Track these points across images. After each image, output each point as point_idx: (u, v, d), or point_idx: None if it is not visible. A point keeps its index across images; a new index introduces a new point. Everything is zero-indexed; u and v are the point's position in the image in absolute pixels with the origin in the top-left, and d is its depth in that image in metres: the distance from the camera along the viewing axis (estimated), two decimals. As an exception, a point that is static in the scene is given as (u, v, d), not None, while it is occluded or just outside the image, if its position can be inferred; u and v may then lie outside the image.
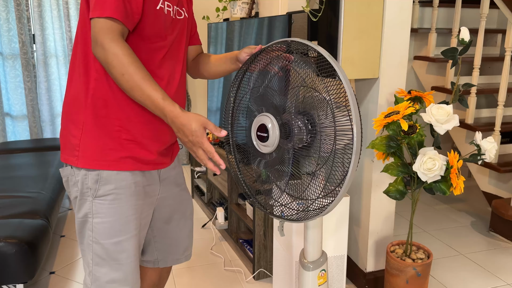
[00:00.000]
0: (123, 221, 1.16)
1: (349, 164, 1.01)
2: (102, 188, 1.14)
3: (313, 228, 1.27)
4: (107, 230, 1.15)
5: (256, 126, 1.15)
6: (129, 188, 1.16)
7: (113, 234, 1.15)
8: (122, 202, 1.15)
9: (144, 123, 1.15)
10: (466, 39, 1.63)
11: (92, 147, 1.12)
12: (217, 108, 3.10)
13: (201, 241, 2.62)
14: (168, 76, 1.17)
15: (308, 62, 1.08)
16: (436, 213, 3.04)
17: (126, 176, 1.15)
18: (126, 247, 1.17)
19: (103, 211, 1.14)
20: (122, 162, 1.14)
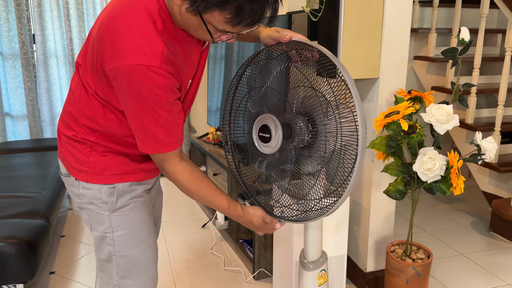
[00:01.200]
0: (144, 228, 1.18)
1: (353, 164, 1.01)
2: (120, 200, 1.14)
3: (313, 228, 1.27)
4: (131, 241, 1.16)
5: (257, 127, 1.15)
6: (142, 196, 1.18)
7: (136, 244, 1.17)
8: (140, 209, 1.17)
9: None
10: (466, 39, 1.63)
11: (102, 163, 1.12)
12: (217, 108, 3.10)
13: (201, 241, 2.62)
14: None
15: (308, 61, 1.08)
16: (436, 213, 3.04)
17: (137, 185, 1.17)
18: (149, 253, 1.19)
19: (123, 222, 1.15)
20: (134, 174, 1.15)
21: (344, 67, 1.01)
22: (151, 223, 1.21)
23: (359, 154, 1.00)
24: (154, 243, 1.23)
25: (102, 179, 1.12)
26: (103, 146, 1.12)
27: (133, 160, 1.16)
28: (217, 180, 2.76)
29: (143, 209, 1.18)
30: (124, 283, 1.18)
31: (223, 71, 3.00)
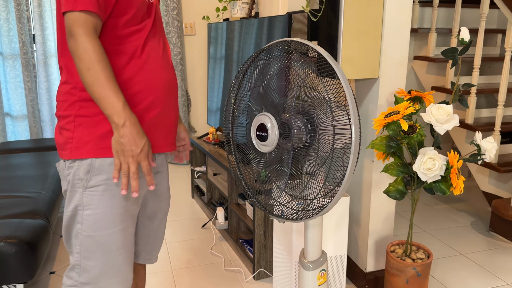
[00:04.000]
0: (114, 213, 1.14)
1: (348, 163, 1.01)
2: (93, 178, 1.11)
3: (313, 227, 1.27)
4: (98, 222, 1.13)
5: (255, 126, 1.16)
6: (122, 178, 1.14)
7: (104, 226, 1.14)
8: (114, 192, 1.13)
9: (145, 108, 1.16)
10: (466, 39, 1.63)
11: (85, 136, 1.11)
12: (217, 108, 3.10)
13: (201, 241, 2.62)
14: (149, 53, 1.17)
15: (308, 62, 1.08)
16: (436, 213, 3.04)
17: None
18: (117, 238, 1.16)
19: (94, 202, 1.12)
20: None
21: (339, 66, 1.02)
22: (126, 208, 1.16)
23: (352, 154, 1.00)
24: (125, 230, 1.17)
25: (82, 153, 1.11)
26: (84, 116, 1.10)
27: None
28: (217, 180, 2.76)
29: (119, 193, 1.14)
30: (86, 264, 1.16)
31: (223, 71, 3.00)
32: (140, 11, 1.12)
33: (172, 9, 3.81)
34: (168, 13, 3.82)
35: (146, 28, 1.14)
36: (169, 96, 1.21)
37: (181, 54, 3.93)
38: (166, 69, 1.20)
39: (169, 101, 1.22)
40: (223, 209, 2.66)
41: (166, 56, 1.23)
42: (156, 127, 1.19)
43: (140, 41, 1.13)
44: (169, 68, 1.23)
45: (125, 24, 1.11)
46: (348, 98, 1.00)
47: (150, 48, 1.15)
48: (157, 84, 1.17)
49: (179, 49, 3.91)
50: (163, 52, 1.21)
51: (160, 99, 1.18)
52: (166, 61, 1.22)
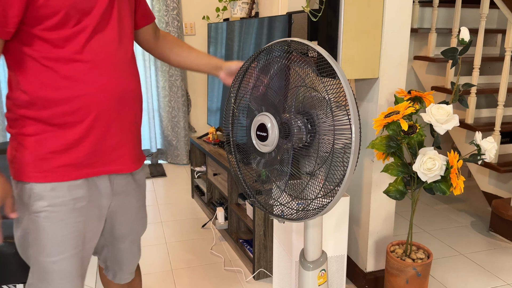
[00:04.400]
0: (58, 240, 1.06)
1: (348, 163, 1.01)
2: (35, 204, 1.04)
3: (313, 227, 1.27)
4: (43, 249, 1.06)
5: (255, 126, 1.16)
6: (66, 205, 1.05)
7: (48, 253, 1.06)
8: (56, 220, 1.05)
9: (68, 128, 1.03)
10: (466, 39, 1.63)
11: (25, 157, 1.03)
12: (217, 108, 3.10)
13: (201, 241, 2.62)
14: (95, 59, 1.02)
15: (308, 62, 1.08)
16: (436, 213, 3.04)
17: (63, 191, 1.05)
18: (63, 267, 1.08)
19: (38, 228, 1.05)
20: (55, 172, 1.03)
21: (340, 66, 1.02)
22: (74, 234, 1.08)
23: (352, 154, 1.00)
24: (74, 256, 1.09)
25: (23, 175, 1.03)
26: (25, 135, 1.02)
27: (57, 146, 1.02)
28: (217, 180, 2.76)
29: (63, 221, 1.05)
30: (37, 285, 1.11)
31: (223, 71, 3.00)
32: (73, 13, 0.97)
33: (172, 9, 3.81)
34: (168, 13, 3.82)
35: (86, 30, 1.00)
36: (120, 110, 1.08)
37: (181, 54, 3.93)
38: (118, 77, 1.06)
39: (122, 114, 1.08)
40: (223, 209, 2.66)
41: (122, 60, 1.08)
42: (104, 146, 1.07)
43: (75, 47, 0.99)
44: (124, 76, 1.08)
45: (51, 31, 0.97)
46: (348, 98, 1.00)
47: (92, 53, 1.01)
48: (101, 97, 1.03)
49: (179, 49, 3.91)
50: (117, 56, 1.06)
51: (107, 115, 1.05)
52: (121, 67, 1.07)
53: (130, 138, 1.14)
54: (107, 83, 1.04)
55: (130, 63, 1.11)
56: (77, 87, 1.00)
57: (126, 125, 1.11)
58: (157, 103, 4.09)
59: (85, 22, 0.99)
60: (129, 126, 1.12)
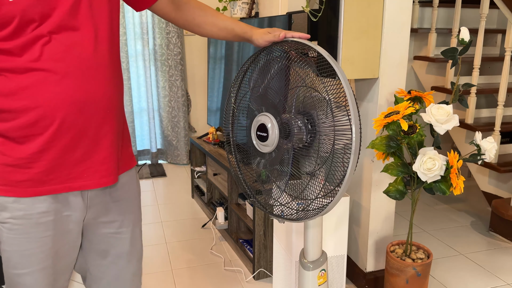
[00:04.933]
0: (21, 254, 1.00)
1: (348, 164, 1.01)
2: (0, 214, 0.99)
3: (313, 227, 1.27)
4: (7, 260, 1.01)
5: (256, 126, 1.16)
6: (29, 219, 0.98)
7: (13, 266, 1.01)
8: (19, 233, 0.99)
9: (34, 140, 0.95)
10: (466, 39, 1.63)
11: None
12: (217, 108, 3.10)
13: (201, 241, 2.62)
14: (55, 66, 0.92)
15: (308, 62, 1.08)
16: (436, 213, 3.04)
17: (25, 205, 0.98)
18: (27, 281, 1.02)
19: (3, 238, 1.00)
20: (17, 187, 0.97)
21: (340, 66, 1.02)
22: (40, 249, 1.01)
23: (353, 154, 1.00)
24: (43, 270, 1.03)
25: None
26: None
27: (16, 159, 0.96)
28: (217, 180, 2.76)
29: (27, 234, 0.99)
30: None
31: (223, 71, 3.00)
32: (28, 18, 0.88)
33: (172, 9, 3.81)
34: (168, 13, 3.81)
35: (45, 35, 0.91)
36: (85, 121, 0.98)
37: (181, 54, 3.93)
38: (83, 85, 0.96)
39: (87, 126, 0.98)
40: (223, 209, 2.66)
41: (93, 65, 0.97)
42: (66, 161, 0.99)
43: (33, 55, 0.90)
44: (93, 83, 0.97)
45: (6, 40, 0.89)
46: (349, 98, 1.00)
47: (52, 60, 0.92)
48: (61, 107, 0.94)
49: (179, 49, 3.91)
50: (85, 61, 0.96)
51: (68, 127, 0.96)
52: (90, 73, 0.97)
53: (99, 150, 1.02)
54: (68, 91, 0.94)
55: (106, 68, 0.99)
56: (34, 98, 0.92)
57: (91, 136, 1.00)
58: (157, 103, 4.09)
59: (45, 26, 0.90)
60: (96, 137, 1.01)
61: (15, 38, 0.89)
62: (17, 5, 0.86)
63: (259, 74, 1.19)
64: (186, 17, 1.21)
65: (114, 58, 1.03)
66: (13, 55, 0.90)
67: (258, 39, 1.15)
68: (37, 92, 0.92)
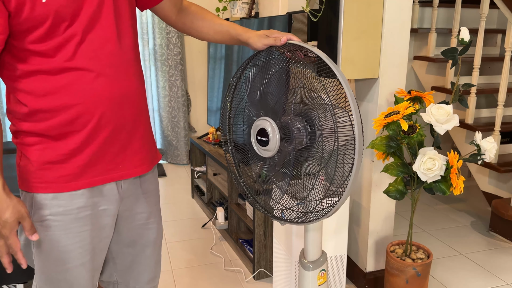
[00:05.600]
0: (61, 250, 1.03)
1: (352, 165, 1.01)
2: (36, 213, 1.01)
3: (313, 229, 1.27)
4: (46, 258, 1.03)
5: (255, 131, 1.15)
6: (69, 214, 1.02)
7: (52, 264, 1.03)
8: (59, 229, 1.02)
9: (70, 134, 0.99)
10: (466, 39, 1.63)
11: (27, 166, 1.01)
12: (217, 108, 3.10)
13: (201, 241, 2.62)
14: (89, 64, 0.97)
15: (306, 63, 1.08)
16: (436, 213, 3.04)
17: (65, 200, 1.01)
18: (68, 278, 1.05)
19: (41, 237, 1.02)
20: (56, 182, 1.00)
21: (339, 68, 1.02)
22: (79, 244, 1.04)
23: (357, 154, 1.00)
24: (82, 266, 1.06)
25: (25, 185, 1.02)
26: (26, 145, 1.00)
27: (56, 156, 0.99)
28: (217, 180, 2.76)
29: (66, 230, 1.02)
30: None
31: (223, 71, 3.00)
32: (60, 19, 0.91)
33: (172, 9, 3.81)
34: (168, 13, 3.81)
35: (76, 34, 0.94)
36: (120, 115, 1.03)
37: (181, 54, 3.93)
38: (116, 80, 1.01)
39: (123, 119, 1.04)
40: (223, 209, 2.66)
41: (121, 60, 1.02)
42: (105, 153, 1.03)
43: (66, 55, 0.94)
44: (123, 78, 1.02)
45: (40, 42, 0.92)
46: (350, 100, 1.00)
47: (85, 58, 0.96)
48: (99, 103, 0.99)
49: (179, 49, 3.91)
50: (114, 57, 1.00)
51: (106, 121, 1.01)
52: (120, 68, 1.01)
53: (134, 141, 1.08)
54: (104, 87, 0.99)
55: (131, 62, 1.04)
56: (72, 96, 0.96)
57: (127, 129, 1.05)
58: (157, 103, 4.09)
59: (76, 25, 0.93)
60: (132, 129, 1.07)
61: (49, 39, 0.92)
62: (50, 5, 0.89)
63: (257, 78, 1.18)
64: (185, 20, 1.23)
65: (137, 54, 1.08)
66: (48, 56, 0.93)
67: (255, 42, 1.15)
68: (75, 91, 0.96)
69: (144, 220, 1.18)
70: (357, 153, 1.00)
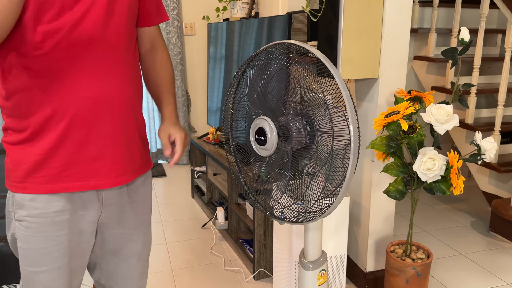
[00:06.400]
0: (37, 252, 1.02)
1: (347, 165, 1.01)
2: (17, 212, 1.01)
3: (313, 229, 1.27)
4: (24, 257, 1.03)
5: (254, 130, 1.15)
6: (45, 217, 1.00)
7: (28, 263, 1.03)
8: (35, 231, 1.00)
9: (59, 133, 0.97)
10: (466, 39, 1.63)
11: (10, 165, 1.00)
12: (217, 108, 3.10)
13: (201, 241, 2.62)
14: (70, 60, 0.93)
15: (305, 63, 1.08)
16: (436, 213, 3.04)
17: (41, 203, 0.99)
18: (43, 279, 1.03)
19: (20, 236, 1.02)
20: (34, 183, 0.98)
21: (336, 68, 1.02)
22: (56, 248, 1.02)
23: (352, 155, 1.00)
24: (58, 269, 1.03)
25: (8, 183, 1.02)
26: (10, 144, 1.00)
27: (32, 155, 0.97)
28: (217, 180, 2.76)
29: (42, 233, 1.00)
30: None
31: (223, 71, 3.00)
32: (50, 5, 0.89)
33: (172, 9, 3.81)
34: (168, 13, 3.82)
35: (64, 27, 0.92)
36: (98, 118, 0.99)
37: (181, 54, 3.93)
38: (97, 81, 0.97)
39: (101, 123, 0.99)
40: (223, 209, 2.66)
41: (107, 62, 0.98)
42: (80, 157, 0.99)
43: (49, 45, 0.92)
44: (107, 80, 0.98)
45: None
46: (345, 100, 1.00)
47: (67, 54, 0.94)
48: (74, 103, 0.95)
49: (179, 49, 3.91)
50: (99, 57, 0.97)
51: (81, 123, 0.97)
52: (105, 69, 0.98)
53: (115, 148, 1.02)
54: (81, 87, 0.95)
55: (122, 65, 1.00)
56: (48, 92, 0.94)
57: (105, 134, 1.00)
58: (157, 103, 4.09)
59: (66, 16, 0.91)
60: (111, 135, 1.01)
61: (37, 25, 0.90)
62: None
63: (256, 77, 1.18)
64: (146, 61, 1.18)
65: (130, 57, 1.04)
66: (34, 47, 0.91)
67: (161, 129, 1.15)
68: (52, 87, 0.94)
69: (128, 230, 1.14)
70: (353, 153, 1.00)
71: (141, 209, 1.15)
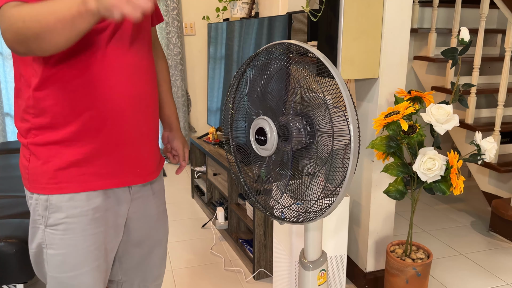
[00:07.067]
0: (79, 253, 1.01)
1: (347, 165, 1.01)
2: (52, 216, 0.99)
3: (313, 229, 1.27)
4: (61, 264, 1.01)
5: (254, 130, 1.15)
6: (85, 216, 1.00)
7: (68, 268, 1.02)
8: (76, 232, 1.00)
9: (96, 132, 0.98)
10: (466, 39, 1.63)
11: (39, 168, 0.98)
12: (217, 108, 3.10)
13: (201, 241, 2.62)
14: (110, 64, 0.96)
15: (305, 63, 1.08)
16: (436, 213, 3.04)
17: (81, 201, 1.00)
18: (84, 281, 1.03)
19: (56, 242, 1.00)
20: (73, 182, 0.98)
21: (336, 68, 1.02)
22: (94, 246, 1.03)
23: (352, 154, 1.00)
24: (95, 269, 1.04)
25: (37, 187, 0.99)
26: (38, 145, 0.98)
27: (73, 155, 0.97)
28: (217, 180, 2.76)
29: (82, 232, 1.00)
30: None
31: (223, 71, 3.00)
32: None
33: (172, 9, 3.81)
34: (168, 13, 3.82)
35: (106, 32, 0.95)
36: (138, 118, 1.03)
37: (181, 54, 3.93)
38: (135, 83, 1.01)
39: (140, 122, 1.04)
40: (223, 209, 2.66)
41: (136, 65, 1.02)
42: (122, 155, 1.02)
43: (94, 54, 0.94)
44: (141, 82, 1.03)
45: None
46: (346, 100, 1.00)
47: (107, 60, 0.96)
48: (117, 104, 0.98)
49: (179, 49, 3.91)
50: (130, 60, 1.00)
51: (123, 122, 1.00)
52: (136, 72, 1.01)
53: (149, 147, 1.09)
54: (123, 87, 0.99)
55: (151, 64, 1.06)
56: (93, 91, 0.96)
57: (143, 133, 1.05)
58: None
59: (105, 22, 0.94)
60: (148, 134, 1.07)
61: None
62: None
63: (256, 77, 1.18)
64: None
65: (152, 59, 1.09)
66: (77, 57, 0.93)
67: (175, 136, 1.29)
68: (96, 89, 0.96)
69: (153, 221, 1.18)
70: (353, 153, 1.00)
71: (160, 199, 1.21)
